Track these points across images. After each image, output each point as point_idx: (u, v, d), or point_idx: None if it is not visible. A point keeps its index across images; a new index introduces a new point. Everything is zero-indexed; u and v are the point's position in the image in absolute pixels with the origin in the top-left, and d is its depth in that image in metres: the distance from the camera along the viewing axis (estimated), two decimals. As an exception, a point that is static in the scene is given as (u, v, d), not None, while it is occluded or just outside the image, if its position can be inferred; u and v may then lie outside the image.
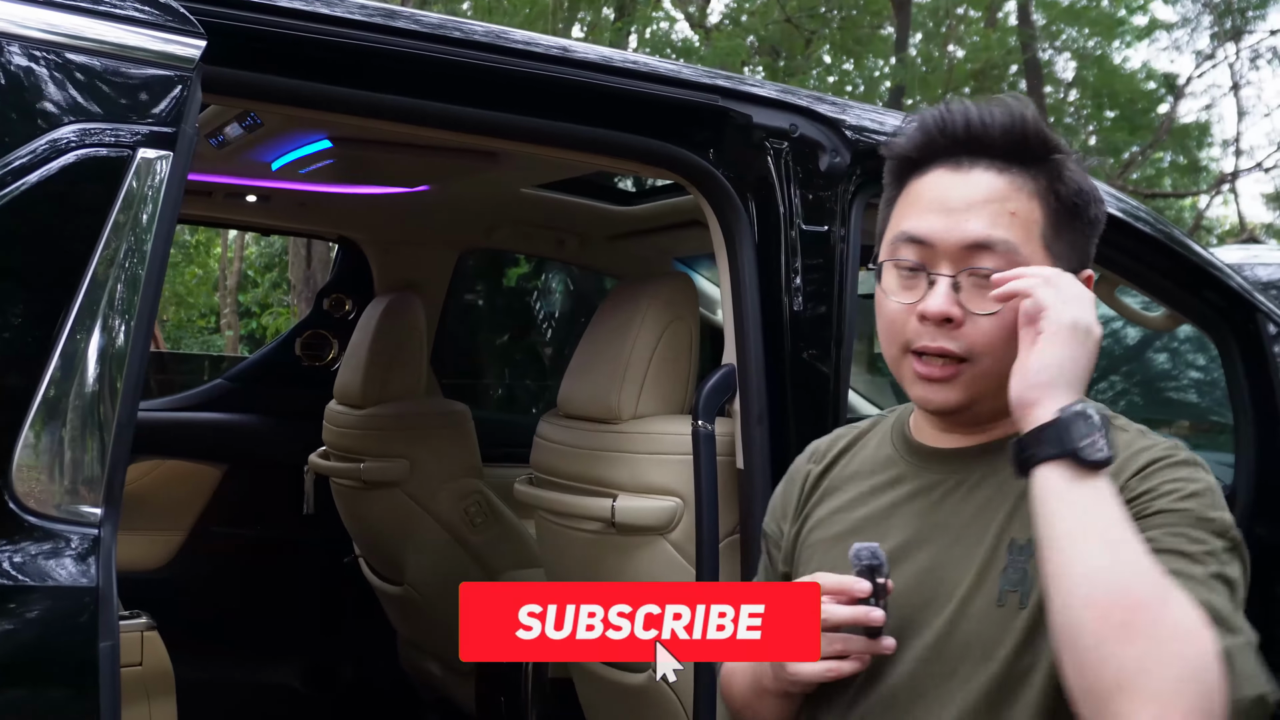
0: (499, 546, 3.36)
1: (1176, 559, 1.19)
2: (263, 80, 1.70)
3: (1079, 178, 1.37)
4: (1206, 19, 17.09)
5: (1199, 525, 1.23)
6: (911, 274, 1.36)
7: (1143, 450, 1.32)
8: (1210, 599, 1.16)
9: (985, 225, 1.32)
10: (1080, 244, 1.38)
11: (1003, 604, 1.29)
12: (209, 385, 3.94)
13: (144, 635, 2.34)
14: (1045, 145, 1.35)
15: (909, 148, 1.40)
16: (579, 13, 15.87)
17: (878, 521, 1.44)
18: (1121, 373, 5.49)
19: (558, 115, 2.01)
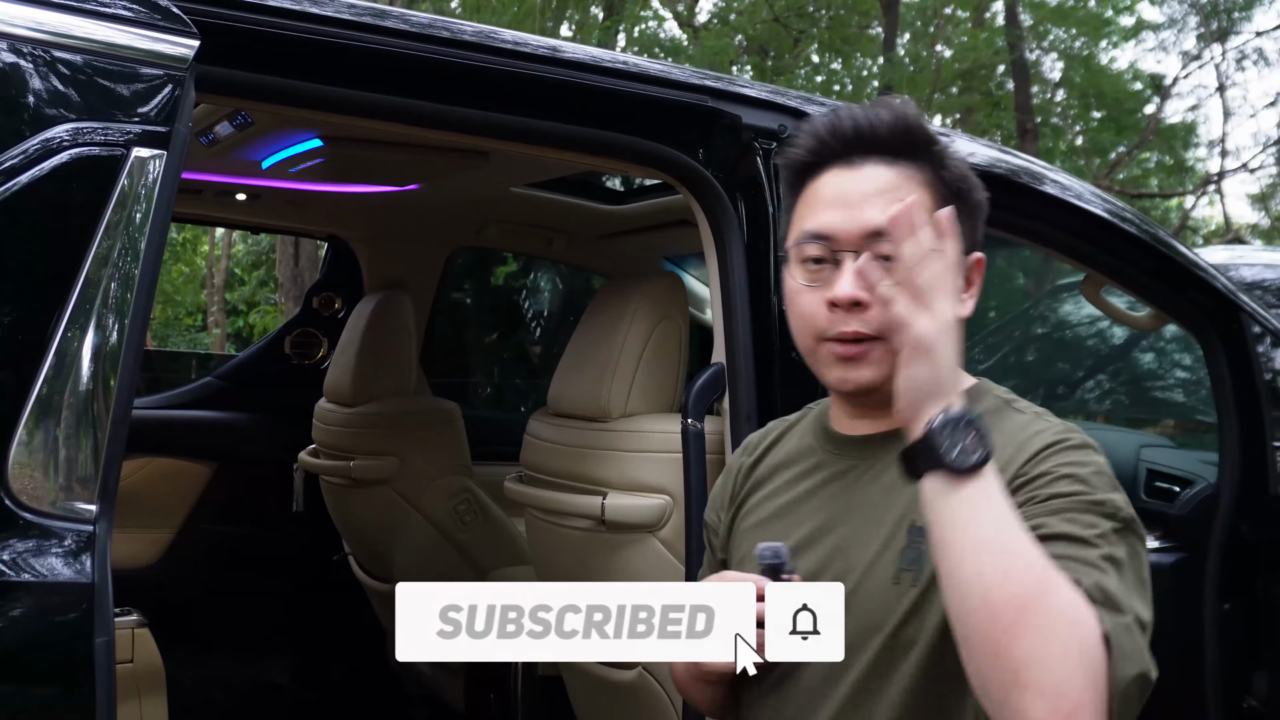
0: (488, 544, 3.37)
1: (1067, 544, 1.23)
2: (255, 79, 1.71)
3: (960, 166, 1.47)
4: (1193, 20, 17.16)
5: (1090, 509, 1.27)
6: (818, 266, 1.44)
7: (1037, 434, 1.37)
8: (1100, 580, 1.19)
9: (880, 213, 1.38)
10: (967, 227, 1.45)
11: (898, 582, 1.37)
12: (199, 383, 3.94)
13: (135, 632, 2.35)
14: (927, 138, 1.45)
15: (803, 154, 1.49)
16: (567, 11, 15.85)
17: (796, 506, 1.53)
18: (1109, 371, 5.52)
19: (548, 115, 2.03)
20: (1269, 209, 19.09)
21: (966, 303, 1.45)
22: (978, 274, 1.48)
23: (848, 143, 1.45)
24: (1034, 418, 1.42)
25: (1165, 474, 3.01)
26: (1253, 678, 2.74)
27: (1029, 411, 1.44)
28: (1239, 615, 2.74)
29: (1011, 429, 1.39)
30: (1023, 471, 1.32)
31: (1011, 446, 1.35)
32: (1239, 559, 2.74)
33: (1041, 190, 2.52)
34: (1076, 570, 1.19)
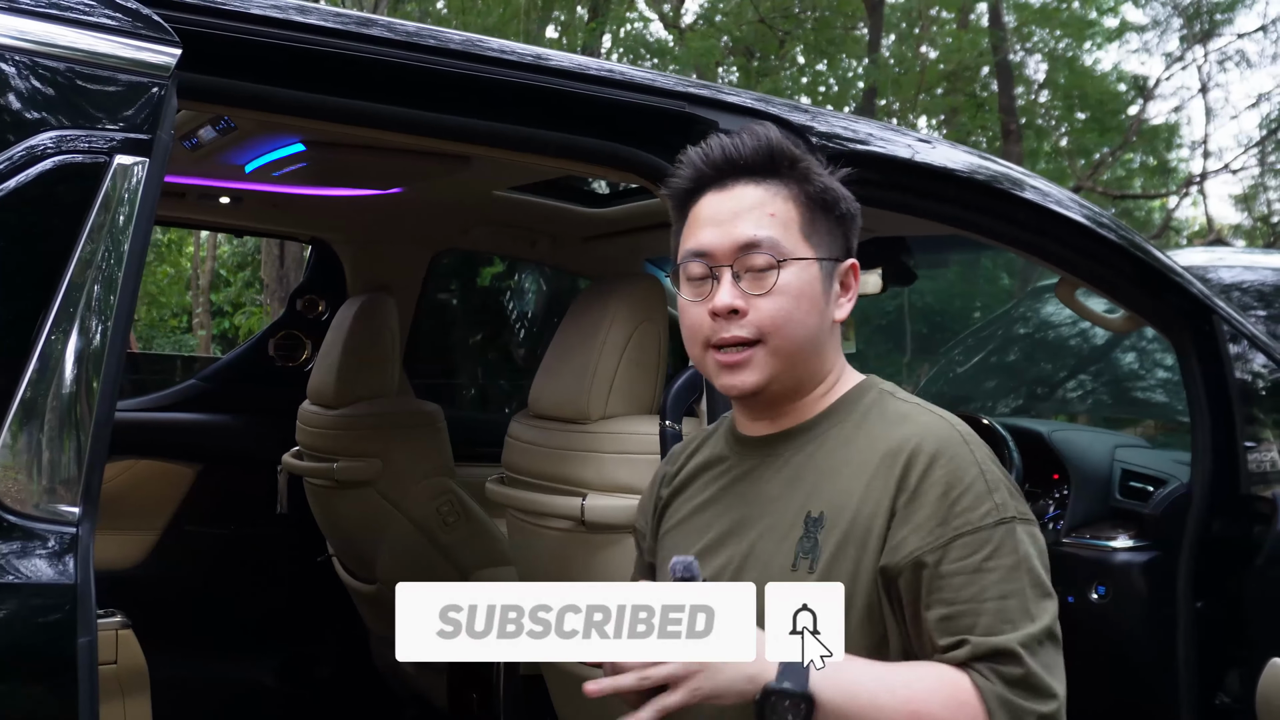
0: (471, 545, 3.39)
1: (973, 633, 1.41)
2: (237, 86, 1.74)
3: (825, 179, 1.59)
4: (1176, 22, 17.22)
5: (967, 538, 1.43)
6: (700, 282, 1.57)
7: (911, 438, 1.49)
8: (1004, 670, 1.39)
9: (751, 227, 1.54)
10: (837, 235, 1.60)
11: (795, 569, 1.50)
12: (183, 385, 3.95)
13: (119, 634, 2.37)
14: (789, 157, 1.58)
15: (683, 183, 1.63)
16: (553, 13, 15.85)
17: (708, 507, 1.67)
18: (1087, 372, 5.56)
19: (527, 121, 2.05)
20: (1252, 210, 19.18)
21: (844, 305, 1.61)
22: (853, 278, 1.62)
23: (719, 168, 1.59)
24: (914, 409, 1.56)
25: (1139, 474, 3.04)
26: (1225, 675, 2.78)
27: (909, 402, 1.58)
28: (1211, 613, 2.78)
29: (891, 418, 1.55)
30: (905, 491, 1.46)
31: (885, 443, 1.50)
32: (1211, 557, 2.78)
33: (1021, 196, 2.55)
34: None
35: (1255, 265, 5.36)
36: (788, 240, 1.54)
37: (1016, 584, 1.41)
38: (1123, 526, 2.97)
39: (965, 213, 2.47)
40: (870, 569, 1.46)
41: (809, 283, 1.55)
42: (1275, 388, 2.88)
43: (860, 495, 1.49)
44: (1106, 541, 2.94)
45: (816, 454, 1.57)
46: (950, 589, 1.41)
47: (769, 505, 1.57)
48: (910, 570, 1.44)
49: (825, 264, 1.57)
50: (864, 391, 1.61)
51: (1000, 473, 1.48)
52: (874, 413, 1.57)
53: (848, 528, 1.48)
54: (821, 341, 1.58)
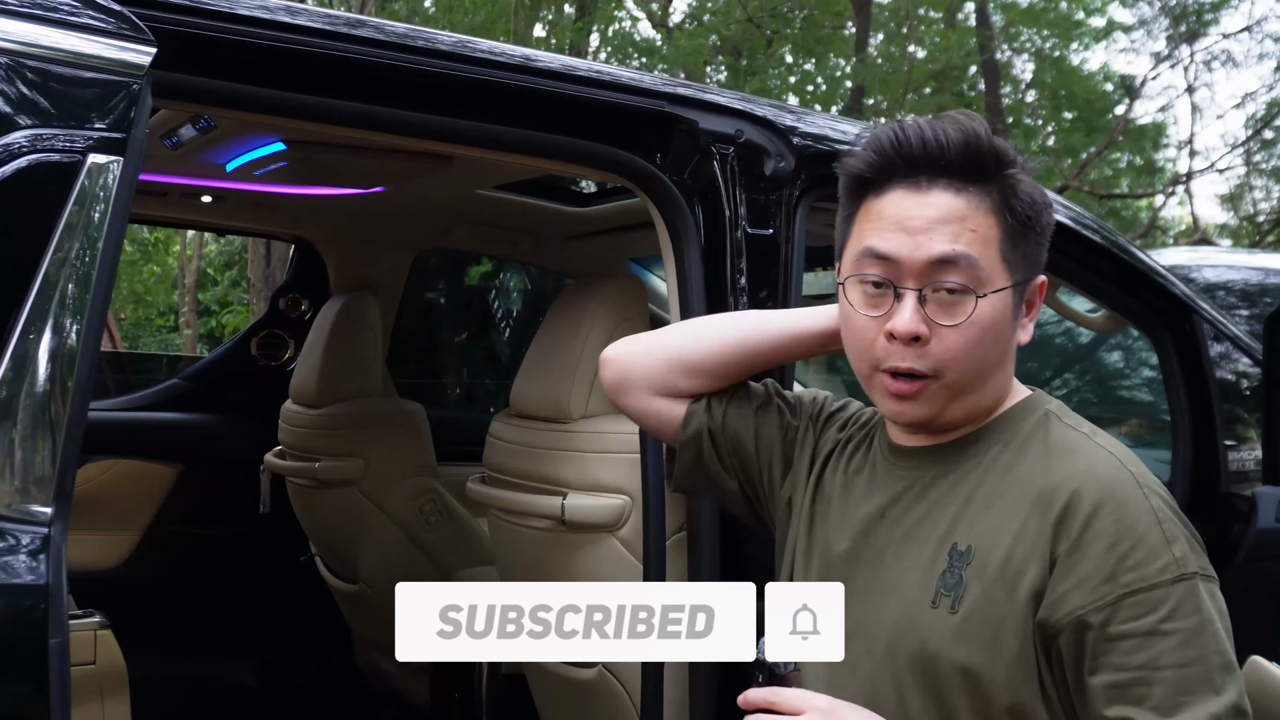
0: (453, 545, 3.38)
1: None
2: (213, 85, 1.73)
3: (1030, 189, 1.41)
4: (1163, 21, 17.27)
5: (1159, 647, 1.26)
6: (878, 293, 1.40)
7: (1070, 479, 1.33)
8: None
9: (948, 242, 1.36)
10: (1034, 253, 1.42)
11: (935, 605, 1.35)
12: (164, 385, 3.93)
13: (97, 634, 2.35)
14: (999, 162, 1.39)
15: (865, 168, 1.43)
16: (540, 11, 15.83)
17: (844, 508, 1.52)
18: (1076, 370, 5.57)
19: (505, 120, 2.05)
20: (1238, 209, 19.25)
21: (1027, 327, 1.45)
22: (1039, 297, 1.45)
23: (914, 163, 1.39)
24: (1082, 440, 1.39)
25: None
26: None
27: (1078, 430, 1.41)
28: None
29: (1056, 448, 1.38)
30: (1066, 538, 1.30)
31: (1045, 478, 1.35)
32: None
33: None
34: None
35: (1237, 264, 5.38)
36: (987, 263, 1.36)
37: (1198, 650, 1.23)
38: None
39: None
40: (1022, 619, 1.30)
41: (1003, 313, 1.38)
42: (1255, 387, 2.89)
43: (1015, 534, 1.33)
44: (1087, 541, 2.95)
45: (969, 478, 1.41)
46: (1119, 653, 1.25)
47: (912, 529, 1.43)
48: (1072, 630, 1.27)
49: (1019, 288, 1.40)
50: (1029, 411, 1.44)
51: (1180, 522, 1.32)
52: (1037, 439, 1.40)
53: (999, 570, 1.32)
54: (1006, 368, 1.43)
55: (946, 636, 1.33)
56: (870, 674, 1.38)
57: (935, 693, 1.33)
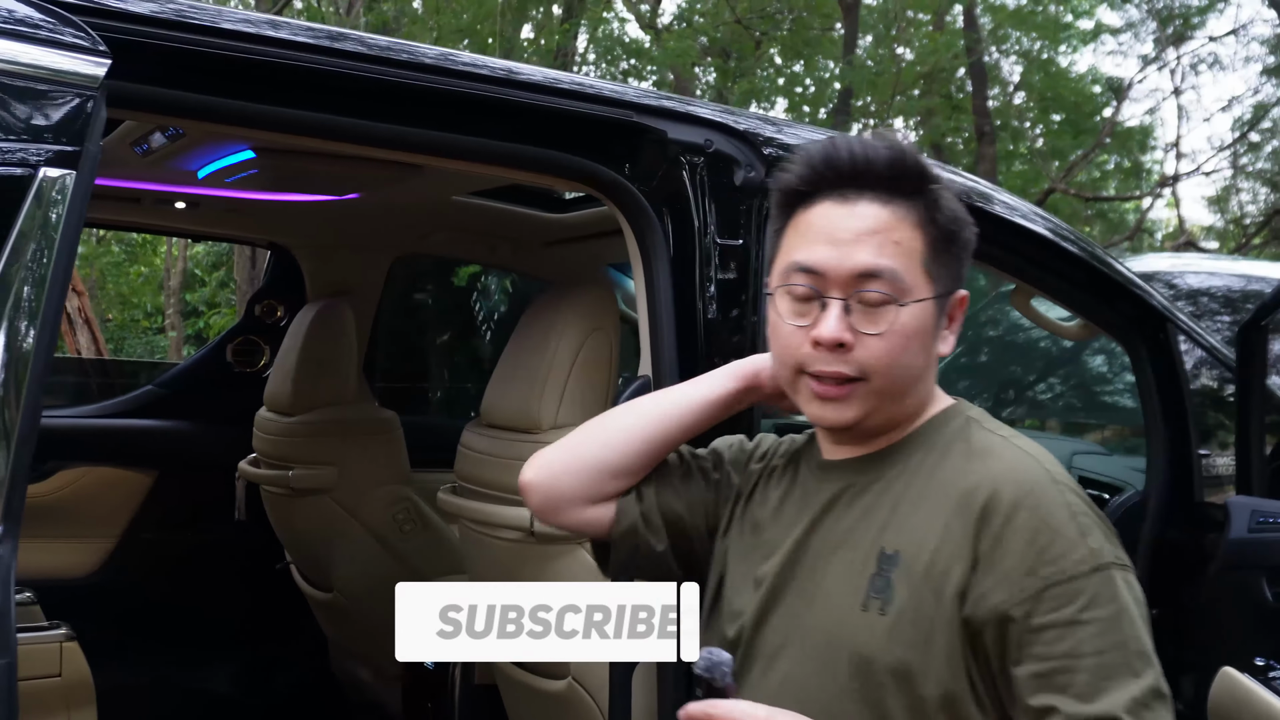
0: (427, 552, 3.37)
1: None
2: (170, 96, 1.71)
3: (953, 206, 1.46)
4: (1150, 24, 17.30)
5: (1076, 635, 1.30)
6: (804, 303, 1.44)
7: (990, 478, 1.37)
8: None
9: (872, 255, 1.40)
10: (955, 267, 1.47)
11: (866, 610, 1.38)
12: (139, 391, 3.91)
13: (63, 646, 2.34)
14: (923, 178, 1.43)
15: (796, 182, 1.47)
16: (529, 12, 15.81)
17: (778, 524, 1.54)
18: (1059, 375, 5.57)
19: (471, 130, 2.03)
20: (1225, 211, 19.31)
21: (948, 339, 1.48)
22: (960, 310, 1.49)
23: (842, 175, 1.43)
24: (1000, 443, 1.43)
25: (1096, 481, 3.05)
26: (1180, 683, 2.78)
27: (996, 434, 1.45)
28: (1166, 621, 2.78)
29: (975, 451, 1.42)
30: (986, 537, 1.33)
31: (965, 480, 1.38)
32: (1166, 565, 2.78)
33: (990, 210, 2.56)
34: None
35: (1220, 271, 5.38)
36: (909, 274, 1.41)
37: (1116, 637, 1.28)
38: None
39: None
40: (949, 617, 1.33)
41: (924, 322, 1.42)
42: (1230, 396, 2.89)
43: (939, 536, 1.36)
44: (1062, 549, 2.94)
45: (895, 484, 1.44)
46: (1041, 644, 1.28)
47: (843, 538, 1.45)
48: (996, 624, 1.31)
49: (940, 300, 1.44)
50: (950, 418, 1.48)
51: (1094, 515, 1.35)
52: (959, 444, 1.44)
53: (925, 571, 1.36)
54: (925, 378, 1.47)
55: (878, 639, 1.36)
56: (806, 681, 1.40)
57: (870, 694, 1.36)
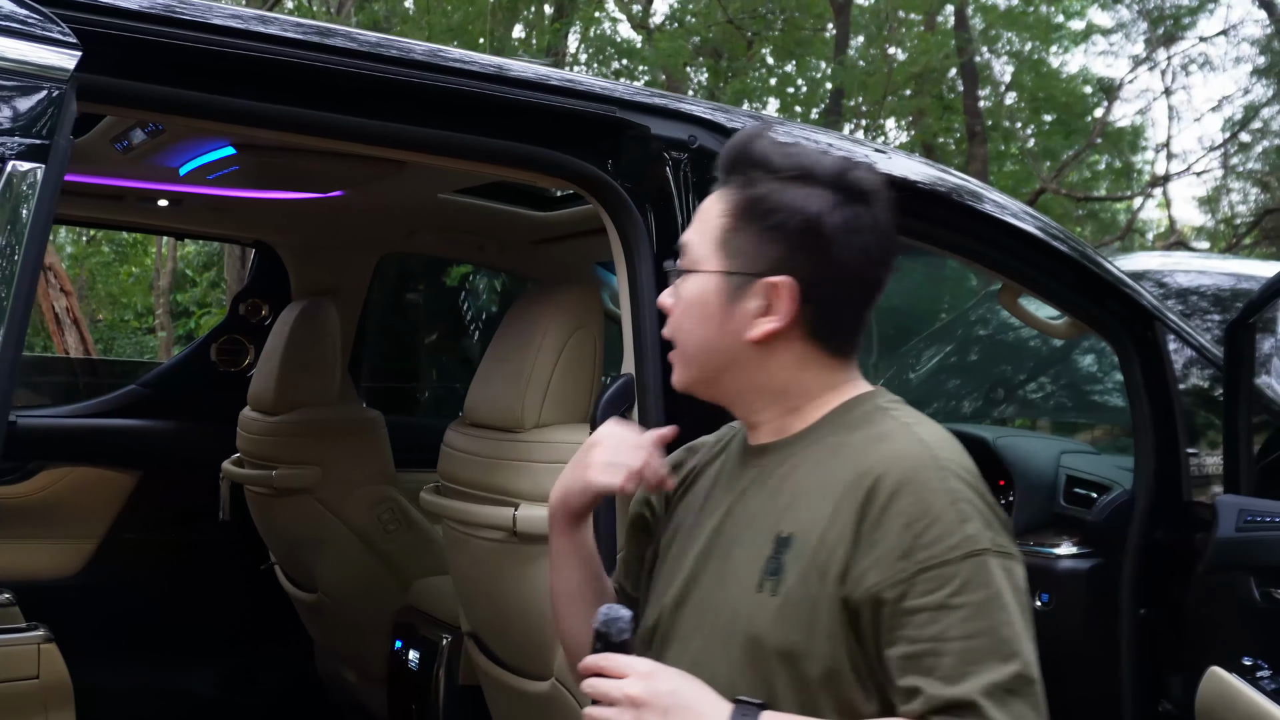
0: (412, 553, 3.35)
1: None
2: (141, 89, 1.69)
3: (764, 189, 1.48)
4: (1141, 25, 17.32)
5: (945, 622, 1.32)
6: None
7: (880, 461, 1.40)
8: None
9: (689, 231, 1.55)
10: (763, 248, 1.48)
11: (761, 590, 1.43)
12: (122, 391, 3.88)
13: (41, 648, 2.32)
14: (745, 162, 1.50)
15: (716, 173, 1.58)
16: (519, 11, 15.78)
17: (706, 509, 1.59)
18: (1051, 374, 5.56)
19: (455, 126, 2.02)
20: (1215, 212, 19.34)
21: (760, 325, 1.49)
22: (776, 296, 1.48)
23: (722, 164, 1.55)
24: (898, 429, 1.45)
25: (1084, 480, 3.04)
26: (1168, 683, 2.77)
27: (898, 420, 1.47)
28: (1155, 621, 2.77)
29: (872, 437, 1.44)
30: (867, 520, 1.36)
31: (856, 465, 1.41)
32: (1154, 564, 2.77)
33: (976, 208, 2.55)
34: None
35: (1209, 270, 5.37)
36: (701, 249, 1.51)
37: (986, 622, 1.29)
38: (1067, 533, 2.96)
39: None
40: (832, 598, 1.37)
41: (705, 294, 1.50)
42: (1218, 395, 2.87)
43: (828, 519, 1.40)
44: (1050, 549, 2.94)
45: (797, 470, 1.48)
46: (912, 626, 1.31)
47: (751, 520, 1.50)
48: (871, 606, 1.34)
49: (734, 278, 1.48)
50: (858, 404, 1.51)
51: (979, 503, 1.36)
52: (861, 429, 1.47)
53: (813, 554, 1.40)
54: (735, 357, 1.51)
55: (768, 619, 1.40)
56: (712, 661, 1.45)
57: (760, 671, 1.41)
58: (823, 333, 1.50)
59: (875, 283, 1.51)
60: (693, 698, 1.36)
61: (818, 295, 1.47)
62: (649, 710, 1.35)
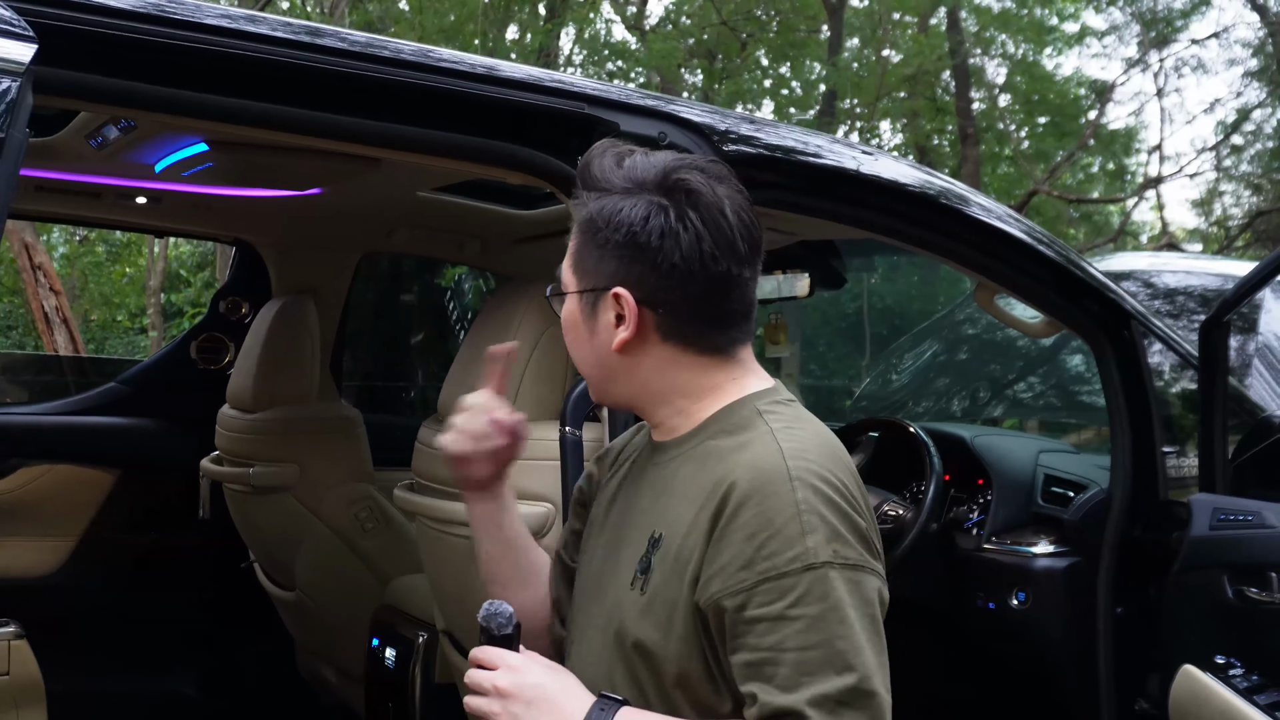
0: (390, 551, 3.34)
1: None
2: (99, 83, 1.68)
3: (591, 206, 1.52)
4: (1134, 27, 17.34)
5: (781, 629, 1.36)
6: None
7: (733, 470, 1.42)
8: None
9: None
10: (604, 264, 1.51)
11: (633, 588, 1.49)
12: (102, 389, 3.87)
13: (11, 644, 2.31)
14: (584, 179, 1.55)
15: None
16: (513, 12, 15.78)
17: (613, 504, 1.66)
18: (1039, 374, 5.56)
19: (425, 122, 2.01)
20: (1208, 214, 19.36)
21: (619, 334, 1.51)
22: (622, 307, 1.51)
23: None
24: (757, 437, 1.46)
25: (1061, 479, 3.04)
26: (1145, 681, 2.77)
27: (761, 428, 1.48)
28: (1131, 619, 2.77)
29: (737, 443, 1.47)
30: (717, 528, 1.40)
31: (717, 471, 1.44)
32: (1131, 563, 2.77)
33: (957, 208, 2.55)
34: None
35: (1196, 270, 5.38)
36: (566, 271, 1.57)
37: (822, 634, 1.32)
38: (1044, 532, 2.96)
39: (865, 213, 2.46)
40: (686, 601, 1.42)
41: (570, 314, 1.57)
42: (1194, 394, 2.87)
43: (689, 523, 1.44)
44: (1028, 548, 2.93)
45: (679, 471, 1.52)
46: (754, 635, 1.35)
47: (638, 518, 1.56)
48: (714, 613, 1.39)
49: (586, 295, 1.54)
50: (739, 408, 1.53)
51: (826, 513, 1.37)
52: (737, 433, 1.49)
53: (674, 556, 1.45)
54: (611, 367, 1.55)
55: (634, 616, 1.47)
56: (595, 649, 1.53)
57: (628, 664, 1.47)
58: (676, 335, 1.52)
59: (722, 277, 1.49)
60: (556, 691, 1.43)
61: (659, 299, 1.50)
62: (513, 701, 1.41)
